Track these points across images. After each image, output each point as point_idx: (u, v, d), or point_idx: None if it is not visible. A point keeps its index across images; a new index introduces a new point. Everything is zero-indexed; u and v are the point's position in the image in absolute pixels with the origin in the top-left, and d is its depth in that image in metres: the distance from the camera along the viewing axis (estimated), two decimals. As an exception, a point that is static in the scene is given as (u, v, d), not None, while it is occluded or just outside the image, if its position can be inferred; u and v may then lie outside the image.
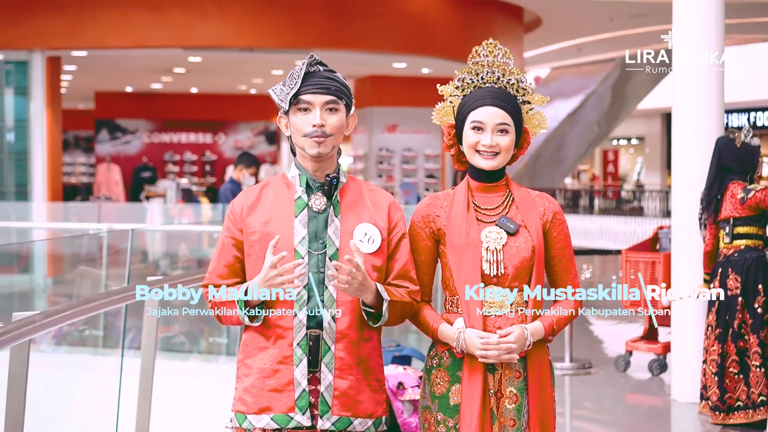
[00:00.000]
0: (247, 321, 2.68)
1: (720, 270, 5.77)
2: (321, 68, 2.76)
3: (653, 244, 7.78)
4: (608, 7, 14.87)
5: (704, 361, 5.84)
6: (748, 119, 24.18)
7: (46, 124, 13.58)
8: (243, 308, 2.65)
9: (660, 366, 7.47)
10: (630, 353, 7.64)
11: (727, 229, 5.74)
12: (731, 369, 5.66)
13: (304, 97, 2.72)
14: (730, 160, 5.79)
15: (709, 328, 5.80)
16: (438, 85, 2.95)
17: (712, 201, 5.80)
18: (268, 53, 14.04)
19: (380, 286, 2.68)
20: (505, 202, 2.86)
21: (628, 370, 7.65)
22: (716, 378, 5.68)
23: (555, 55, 20.14)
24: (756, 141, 5.88)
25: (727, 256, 5.76)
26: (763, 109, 24.05)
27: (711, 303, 5.80)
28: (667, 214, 18.73)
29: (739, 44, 20.03)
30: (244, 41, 13.46)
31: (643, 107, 23.48)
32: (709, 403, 5.73)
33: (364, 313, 2.70)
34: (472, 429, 2.71)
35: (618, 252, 10.57)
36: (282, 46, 13.57)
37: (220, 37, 13.31)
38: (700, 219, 6.32)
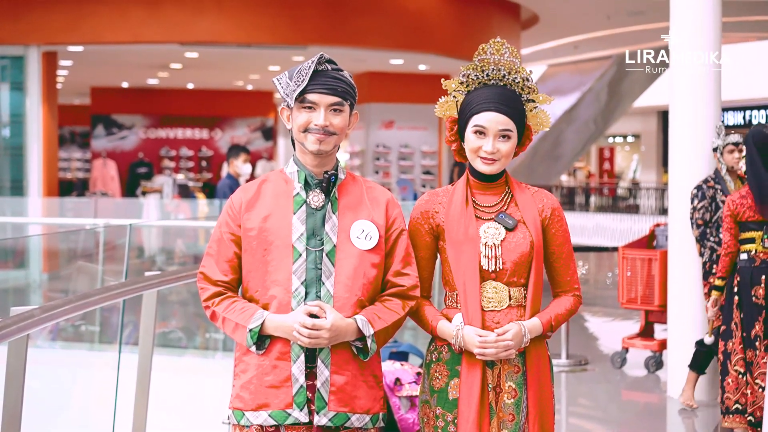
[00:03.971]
0: (253, 349, 2.69)
1: (764, 277, 5.37)
2: (329, 67, 2.75)
3: (650, 241, 7.79)
4: (605, 5, 14.87)
5: (724, 363, 5.47)
6: (744, 117, 24.21)
7: (41, 120, 13.55)
8: (253, 338, 2.66)
9: (656, 363, 7.47)
10: (626, 350, 7.65)
11: None
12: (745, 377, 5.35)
13: (310, 96, 2.72)
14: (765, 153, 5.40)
15: (759, 338, 5.36)
16: (442, 79, 2.95)
17: (764, 197, 5.32)
18: (265, 49, 14.03)
19: (361, 321, 2.67)
20: (504, 199, 2.86)
21: (624, 367, 7.66)
22: (760, 390, 5.32)
23: (552, 53, 20.14)
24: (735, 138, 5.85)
25: (767, 261, 5.37)
26: (759, 108, 24.08)
27: (757, 311, 5.38)
28: (663, 211, 18.77)
29: (735, 42, 20.04)
30: (241, 37, 13.45)
31: (639, 105, 23.51)
32: (738, 407, 5.39)
33: (354, 349, 2.70)
34: (470, 423, 2.72)
35: (614, 249, 10.60)
36: (279, 42, 13.56)
37: (216, 33, 13.29)
38: (692, 218, 6.24)
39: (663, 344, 7.32)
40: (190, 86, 21.86)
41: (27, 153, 13.55)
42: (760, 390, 5.32)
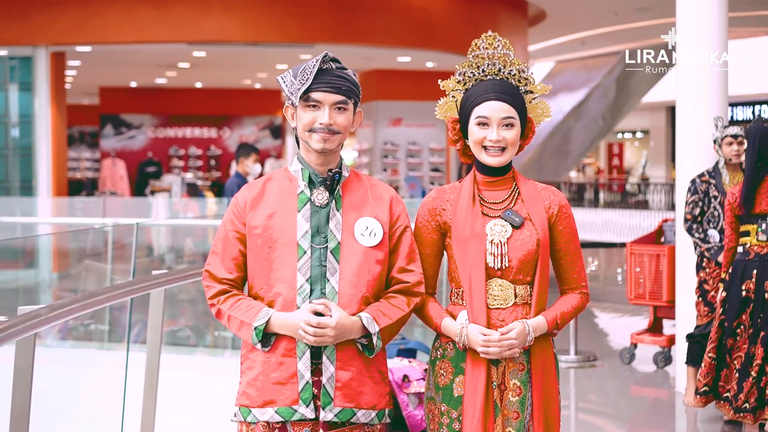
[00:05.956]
0: (259, 346, 2.70)
1: (755, 271, 5.40)
2: (334, 65, 2.76)
3: (658, 237, 7.79)
4: (612, 1, 14.85)
5: (721, 355, 5.55)
6: (753, 112, 24.13)
7: (50, 120, 13.59)
8: (258, 336, 2.67)
9: (665, 358, 7.47)
10: (635, 346, 7.64)
11: (764, 226, 5.37)
12: (752, 373, 5.36)
13: (314, 95, 2.73)
14: (765, 149, 5.42)
15: (742, 326, 5.44)
16: (439, 80, 2.95)
17: (750, 193, 5.39)
18: (273, 47, 14.05)
19: (366, 319, 2.68)
20: (511, 196, 2.86)
21: (632, 363, 7.66)
22: (737, 375, 5.42)
23: (559, 49, 20.12)
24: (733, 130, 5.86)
25: (761, 255, 5.40)
26: (768, 102, 23.99)
27: (744, 303, 5.45)
28: (672, 207, 18.72)
29: (743, 37, 19.99)
30: (249, 36, 13.47)
31: (648, 100, 23.45)
32: (729, 400, 5.47)
33: (359, 346, 2.71)
34: (475, 421, 2.72)
35: (623, 245, 10.58)
36: (286, 40, 13.57)
37: (224, 32, 13.31)
38: (687, 220, 6.17)
39: (671, 340, 7.31)
40: (198, 85, 21.90)
41: (36, 153, 13.59)
42: (735, 373, 5.44)
